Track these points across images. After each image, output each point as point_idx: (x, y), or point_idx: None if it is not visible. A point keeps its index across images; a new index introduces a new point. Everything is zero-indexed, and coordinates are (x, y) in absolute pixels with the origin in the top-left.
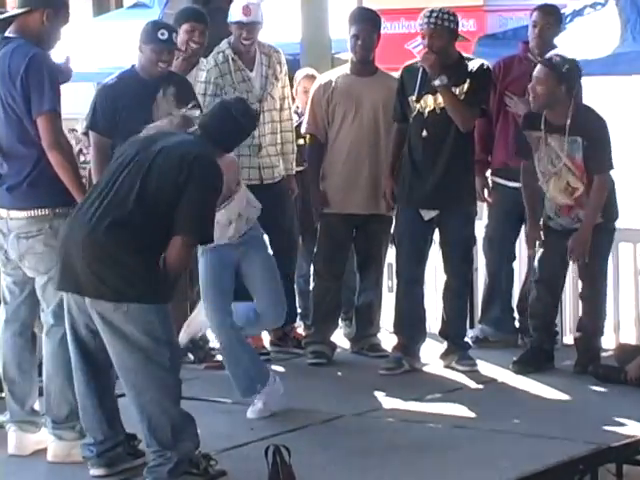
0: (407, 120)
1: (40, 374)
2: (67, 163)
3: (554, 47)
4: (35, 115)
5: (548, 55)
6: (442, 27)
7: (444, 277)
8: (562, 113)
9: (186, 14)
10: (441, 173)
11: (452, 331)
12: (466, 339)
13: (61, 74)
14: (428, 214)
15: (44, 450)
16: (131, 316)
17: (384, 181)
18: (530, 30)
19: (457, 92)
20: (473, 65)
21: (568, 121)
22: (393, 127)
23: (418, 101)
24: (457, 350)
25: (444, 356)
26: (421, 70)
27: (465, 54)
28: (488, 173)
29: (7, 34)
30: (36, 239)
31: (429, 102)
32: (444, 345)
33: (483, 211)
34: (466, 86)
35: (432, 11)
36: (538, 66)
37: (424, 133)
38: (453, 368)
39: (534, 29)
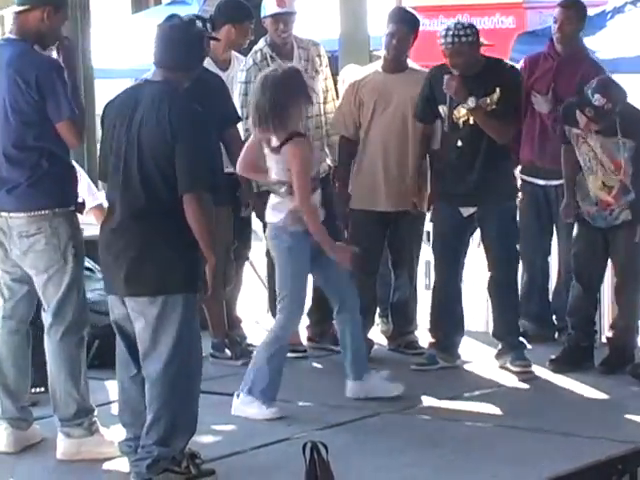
0: (431, 121)
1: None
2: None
3: (579, 42)
4: (55, 122)
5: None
6: (460, 44)
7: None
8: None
9: (227, 14)
10: (478, 174)
11: (503, 330)
12: (520, 338)
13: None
14: (467, 211)
15: (53, 448)
16: (166, 309)
17: (410, 181)
18: (552, 26)
19: (488, 102)
20: (501, 71)
21: (617, 123)
22: (418, 126)
23: (451, 111)
24: (510, 350)
25: (498, 356)
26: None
27: (492, 56)
28: (517, 171)
29: (8, 34)
30: (36, 237)
31: (462, 112)
32: (498, 345)
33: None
34: (496, 96)
35: (447, 29)
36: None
37: (459, 143)
38: (507, 369)
39: (555, 25)
